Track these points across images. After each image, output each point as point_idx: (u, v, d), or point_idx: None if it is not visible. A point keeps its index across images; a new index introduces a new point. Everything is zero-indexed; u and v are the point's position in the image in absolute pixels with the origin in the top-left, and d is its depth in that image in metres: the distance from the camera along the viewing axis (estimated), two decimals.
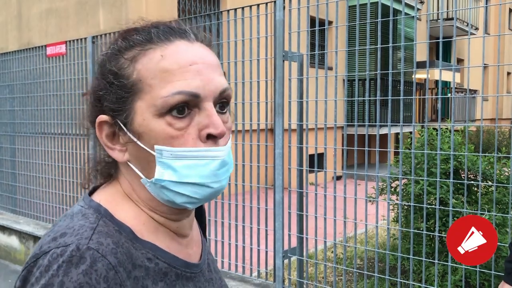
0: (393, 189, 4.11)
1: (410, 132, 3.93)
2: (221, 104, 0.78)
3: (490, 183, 3.80)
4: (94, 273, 0.64)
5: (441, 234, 3.37)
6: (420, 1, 13.47)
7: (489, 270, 2.88)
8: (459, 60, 17.33)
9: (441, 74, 2.98)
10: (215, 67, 0.77)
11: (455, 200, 3.55)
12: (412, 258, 3.02)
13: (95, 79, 0.80)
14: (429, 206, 3.18)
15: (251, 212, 3.81)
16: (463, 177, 3.61)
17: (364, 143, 3.41)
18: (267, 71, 3.66)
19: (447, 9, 14.35)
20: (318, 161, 6.89)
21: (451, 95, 3.01)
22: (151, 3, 8.05)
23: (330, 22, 6.73)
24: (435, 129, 4.67)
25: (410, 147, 4.01)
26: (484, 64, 2.84)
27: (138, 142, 0.74)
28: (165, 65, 0.73)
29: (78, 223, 0.71)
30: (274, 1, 3.48)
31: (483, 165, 3.75)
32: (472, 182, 3.71)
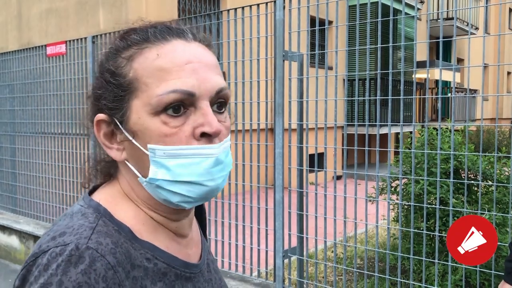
0: (393, 189, 4.11)
1: (410, 132, 3.93)
2: (219, 104, 0.77)
3: (490, 183, 3.80)
4: (93, 273, 0.64)
5: (441, 234, 3.37)
6: (420, 1, 13.46)
7: (489, 270, 2.87)
8: (459, 60, 17.33)
9: (441, 74, 2.97)
10: (212, 67, 0.76)
11: (455, 200, 3.55)
12: (412, 258, 3.02)
13: (95, 78, 0.80)
14: (429, 206, 3.18)
15: (251, 212, 3.81)
16: (463, 177, 3.60)
17: (364, 143, 3.41)
18: (267, 71, 3.66)
19: (447, 9, 14.35)
20: (318, 161, 6.89)
21: (451, 95, 3.00)
22: (151, 3, 8.05)
23: (330, 22, 6.73)
24: (435, 129, 4.67)
25: (410, 147, 4.00)
26: (484, 64, 2.83)
27: (133, 140, 0.74)
28: (161, 64, 0.73)
29: (78, 223, 0.71)
30: (274, 1, 3.48)
31: (483, 165, 3.75)
32: (472, 182, 3.71)
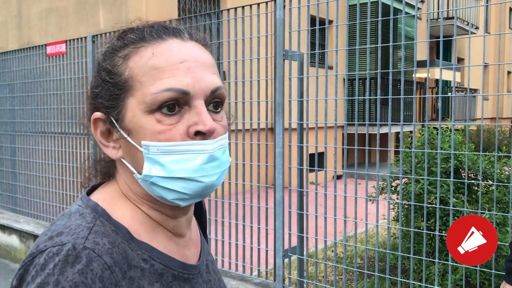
0: (394, 188, 4.11)
1: (411, 131, 3.92)
2: (215, 104, 0.77)
3: (491, 182, 3.80)
4: (90, 273, 0.64)
5: (442, 233, 3.36)
6: (421, 0, 13.45)
7: (490, 270, 2.87)
8: (460, 59, 17.32)
9: (442, 73, 2.97)
10: (208, 66, 0.77)
11: (456, 199, 3.55)
12: (413, 257, 3.02)
13: (93, 77, 0.81)
14: (430, 205, 3.18)
15: (251, 211, 3.81)
16: (464, 176, 3.60)
17: (365, 142, 3.41)
18: (267, 70, 3.65)
19: (448, 8, 14.34)
20: (319, 160, 6.88)
21: (452, 94, 3.00)
22: (151, 2, 8.04)
23: (331, 21, 6.73)
24: (436, 128, 4.66)
25: (411, 146, 4.00)
26: (485, 63, 2.83)
27: (128, 138, 0.75)
28: (156, 63, 0.73)
29: (75, 223, 0.71)
30: (274, 0, 3.48)
31: (484, 164, 3.75)
32: (473, 181, 3.71)
